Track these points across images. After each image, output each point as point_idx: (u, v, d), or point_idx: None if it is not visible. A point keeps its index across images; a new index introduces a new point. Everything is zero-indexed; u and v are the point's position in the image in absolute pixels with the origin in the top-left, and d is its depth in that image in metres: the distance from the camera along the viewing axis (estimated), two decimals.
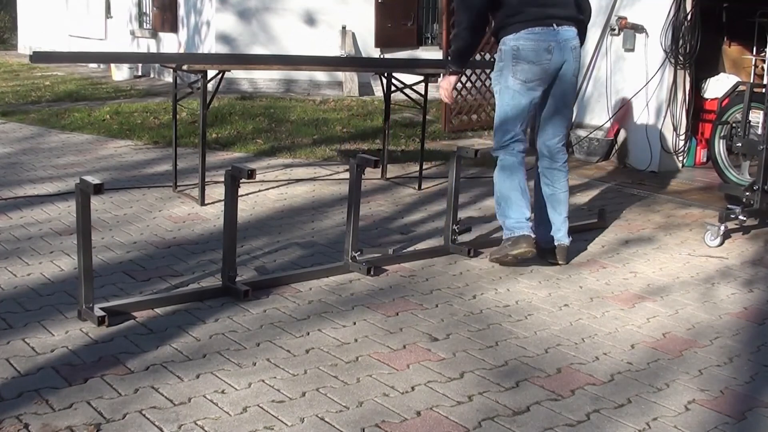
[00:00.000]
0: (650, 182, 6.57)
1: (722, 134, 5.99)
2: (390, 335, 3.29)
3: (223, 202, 3.78)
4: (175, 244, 4.42)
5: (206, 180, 5.46)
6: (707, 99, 7.11)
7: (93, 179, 3.11)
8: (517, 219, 4.13)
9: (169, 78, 12.98)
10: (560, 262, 4.33)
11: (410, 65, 6.69)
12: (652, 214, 5.56)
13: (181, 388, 2.75)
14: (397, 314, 3.53)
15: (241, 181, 3.56)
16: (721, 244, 4.81)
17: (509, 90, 4.09)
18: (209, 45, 12.57)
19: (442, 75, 4.51)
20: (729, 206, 5.17)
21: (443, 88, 4.43)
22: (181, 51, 13.16)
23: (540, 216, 4.38)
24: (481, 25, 4.12)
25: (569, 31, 4.06)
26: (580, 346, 3.28)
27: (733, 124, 5.67)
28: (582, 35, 4.19)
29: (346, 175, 5.30)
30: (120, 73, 13.93)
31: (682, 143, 7.03)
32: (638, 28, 6.97)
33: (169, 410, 2.60)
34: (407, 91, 5.97)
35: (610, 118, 7.18)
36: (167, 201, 5.39)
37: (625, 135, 7.19)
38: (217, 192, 5.44)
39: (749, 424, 2.70)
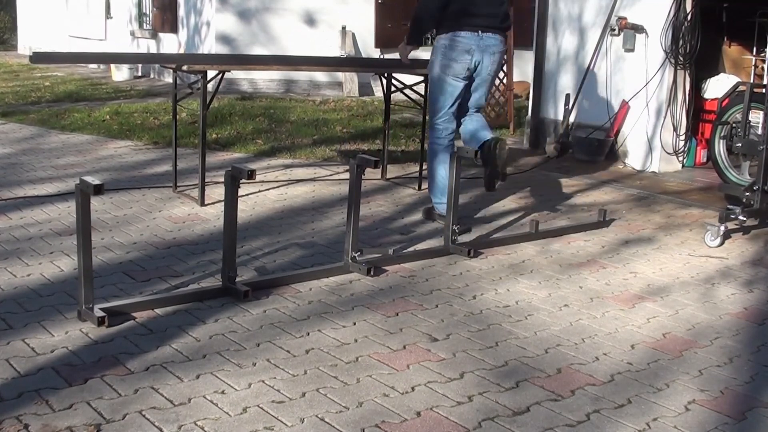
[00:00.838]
0: (650, 182, 6.58)
1: (722, 134, 5.99)
2: (390, 335, 3.30)
3: (223, 203, 3.78)
4: (175, 245, 4.42)
5: (206, 180, 5.46)
6: (707, 99, 7.11)
7: (93, 179, 3.11)
8: (443, 201, 4.74)
9: (169, 78, 12.98)
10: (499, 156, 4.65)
11: (410, 65, 6.68)
12: (652, 214, 5.56)
13: (181, 388, 2.75)
14: (397, 314, 3.53)
15: (241, 181, 3.56)
16: (721, 244, 4.81)
17: (438, 79, 4.87)
18: (209, 45, 12.58)
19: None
20: (729, 206, 5.17)
21: (402, 55, 5.23)
22: (181, 51, 13.17)
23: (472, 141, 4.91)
24: (438, 16, 4.83)
25: (492, 38, 4.81)
26: (580, 346, 3.28)
27: (733, 125, 5.66)
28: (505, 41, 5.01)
29: (346, 175, 5.30)
30: (120, 73, 13.94)
31: (682, 143, 7.03)
32: (638, 28, 6.98)
33: (169, 411, 2.60)
34: (407, 91, 5.97)
35: (610, 118, 7.18)
36: (167, 201, 5.39)
37: (625, 135, 7.19)
38: (217, 192, 5.45)
39: (749, 424, 2.70)
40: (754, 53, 7.24)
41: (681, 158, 7.10)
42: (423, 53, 5.44)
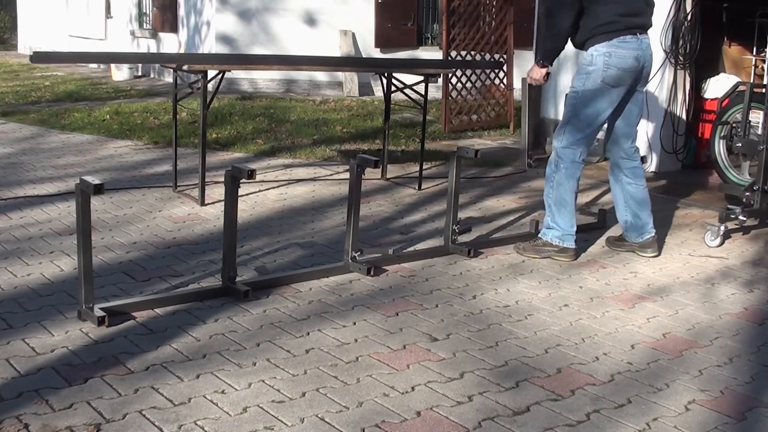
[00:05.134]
0: (650, 182, 6.58)
1: (722, 134, 5.99)
2: (390, 335, 3.30)
3: (223, 203, 3.78)
4: (175, 245, 4.42)
5: (206, 180, 5.46)
6: (707, 99, 7.10)
7: (93, 179, 3.11)
8: (567, 230, 4.41)
9: (169, 78, 12.98)
10: (654, 254, 4.54)
11: (410, 65, 6.69)
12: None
13: (181, 388, 2.75)
14: (397, 314, 3.53)
15: (241, 181, 3.56)
16: (721, 244, 4.81)
17: (593, 93, 4.29)
18: (209, 45, 12.58)
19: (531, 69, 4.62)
20: (729, 206, 5.17)
21: (534, 78, 4.56)
22: (182, 51, 13.16)
23: (631, 215, 4.55)
24: (572, 30, 4.37)
25: (647, 39, 4.33)
26: (580, 346, 3.28)
27: (733, 125, 5.66)
28: None
29: (346, 175, 5.30)
30: (120, 73, 13.94)
31: (682, 143, 7.03)
32: None
33: (169, 410, 2.60)
34: (407, 91, 5.97)
35: None
36: (167, 201, 5.39)
37: None
38: (217, 192, 5.45)
39: (749, 424, 2.70)
40: (754, 53, 7.23)
41: (681, 158, 7.09)
42: (424, 53, 5.44)
